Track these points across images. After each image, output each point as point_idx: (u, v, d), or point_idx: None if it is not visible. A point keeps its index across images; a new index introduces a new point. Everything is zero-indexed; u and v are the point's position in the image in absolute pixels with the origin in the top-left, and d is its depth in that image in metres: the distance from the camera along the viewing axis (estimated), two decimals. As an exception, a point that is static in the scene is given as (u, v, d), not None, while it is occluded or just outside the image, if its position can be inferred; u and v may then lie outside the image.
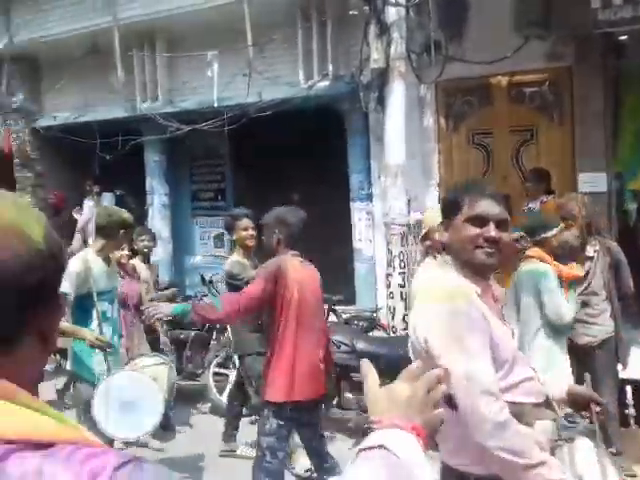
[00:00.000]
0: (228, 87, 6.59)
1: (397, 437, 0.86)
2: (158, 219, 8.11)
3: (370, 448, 0.84)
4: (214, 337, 5.81)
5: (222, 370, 5.52)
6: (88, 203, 8.73)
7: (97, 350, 3.23)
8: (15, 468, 0.58)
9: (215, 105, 6.52)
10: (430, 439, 0.90)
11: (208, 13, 6.39)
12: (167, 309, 3.03)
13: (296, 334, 3.06)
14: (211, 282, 5.79)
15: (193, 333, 5.65)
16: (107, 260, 3.50)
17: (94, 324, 3.31)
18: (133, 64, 7.21)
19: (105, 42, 6.97)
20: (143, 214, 8.12)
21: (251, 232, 4.18)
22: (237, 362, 4.79)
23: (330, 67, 6.26)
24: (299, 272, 3.11)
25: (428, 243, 2.81)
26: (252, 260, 4.22)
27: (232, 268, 4.09)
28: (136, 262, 5.06)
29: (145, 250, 5.31)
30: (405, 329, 5.48)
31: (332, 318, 5.69)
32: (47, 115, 8.18)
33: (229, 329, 5.12)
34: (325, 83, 6.30)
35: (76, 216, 8.38)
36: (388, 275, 5.56)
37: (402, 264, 5.48)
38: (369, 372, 0.97)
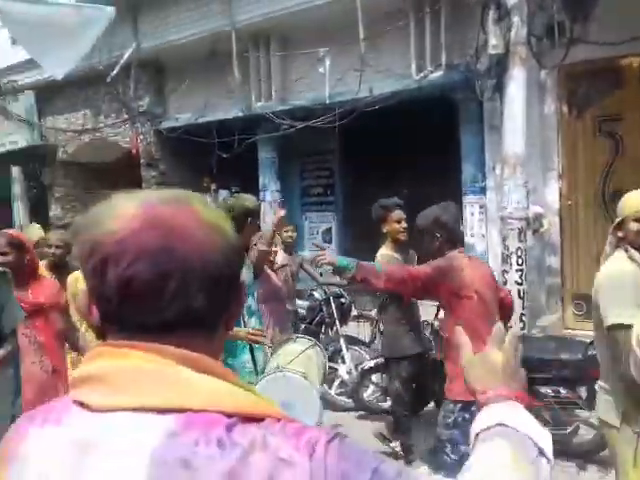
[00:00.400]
0: (340, 83, 6.63)
1: (510, 410, 0.84)
2: (270, 215, 8.34)
3: (489, 428, 0.81)
4: (323, 331, 5.86)
5: (331, 364, 5.55)
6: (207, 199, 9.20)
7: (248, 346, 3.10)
8: (242, 438, 0.63)
9: (327, 101, 6.59)
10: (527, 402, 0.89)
11: (321, 10, 6.47)
12: (333, 258, 3.03)
13: (481, 330, 2.96)
14: (321, 275, 5.86)
15: (303, 326, 5.74)
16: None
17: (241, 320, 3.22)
18: (249, 65, 7.47)
19: (223, 45, 7.28)
20: (256, 210, 8.41)
21: (404, 225, 3.91)
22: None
23: (443, 57, 6.09)
24: (472, 268, 3.02)
25: (621, 234, 2.38)
26: (403, 254, 3.99)
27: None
28: (279, 251, 5.11)
29: (289, 240, 5.43)
30: (523, 328, 5.21)
31: (442, 314, 5.54)
32: (170, 117, 8.69)
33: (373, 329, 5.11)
34: (438, 73, 6.15)
35: None
36: (504, 272, 5.30)
37: (520, 260, 5.21)
38: (463, 339, 0.96)
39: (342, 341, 5.29)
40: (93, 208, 0.76)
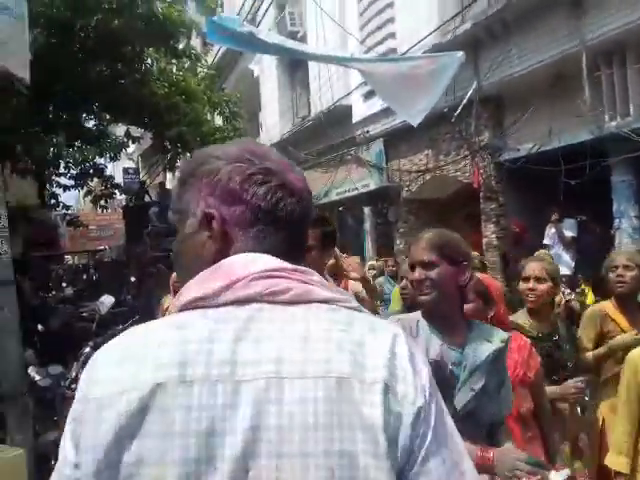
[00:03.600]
0: None
1: None
2: (627, 243, 7.52)
3: None
4: None
5: None
6: (550, 230, 8.79)
7: None
8: None
9: None
10: None
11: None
12: None
13: None
14: None
15: None
16: None
17: None
18: (600, 83, 6.95)
19: (570, 67, 6.95)
20: (609, 239, 7.70)
21: None
22: None
23: None
24: None
25: None
26: None
27: None
28: None
29: None
30: None
31: None
32: (511, 149, 8.64)
33: None
34: None
35: None
36: None
37: None
38: None
39: None
40: None
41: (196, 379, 0.77)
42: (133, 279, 13.03)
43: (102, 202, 13.08)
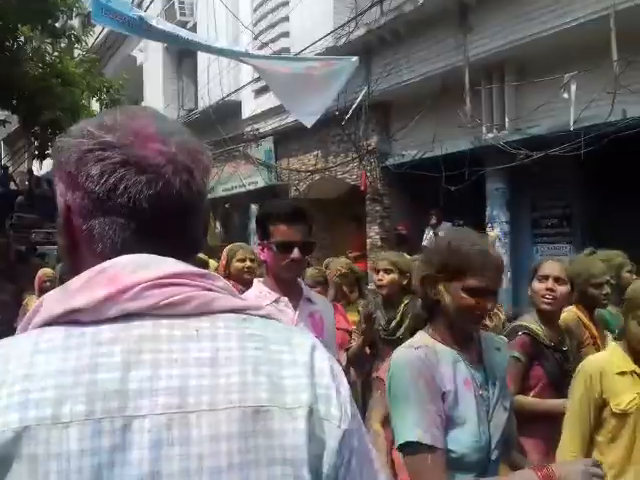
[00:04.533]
0: (586, 108, 6.24)
1: None
2: (498, 246, 8.15)
3: None
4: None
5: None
6: (428, 233, 9.29)
7: None
8: None
9: (571, 128, 6.25)
10: None
11: (564, 35, 6.21)
12: None
13: None
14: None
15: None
16: None
17: None
18: (480, 97, 7.44)
19: (454, 80, 7.37)
20: (482, 243, 8.28)
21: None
22: None
23: None
24: None
25: None
26: None
27: None
28: None
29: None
30: None
31: None
32: (397, 154, 8.99)
33: None
34: None
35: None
36: None
37: None
38: None
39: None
40: None
41: (75, 419, 0.61)
42: (-8, 275, 11.86)
43: (-43, 189, 11.73)
